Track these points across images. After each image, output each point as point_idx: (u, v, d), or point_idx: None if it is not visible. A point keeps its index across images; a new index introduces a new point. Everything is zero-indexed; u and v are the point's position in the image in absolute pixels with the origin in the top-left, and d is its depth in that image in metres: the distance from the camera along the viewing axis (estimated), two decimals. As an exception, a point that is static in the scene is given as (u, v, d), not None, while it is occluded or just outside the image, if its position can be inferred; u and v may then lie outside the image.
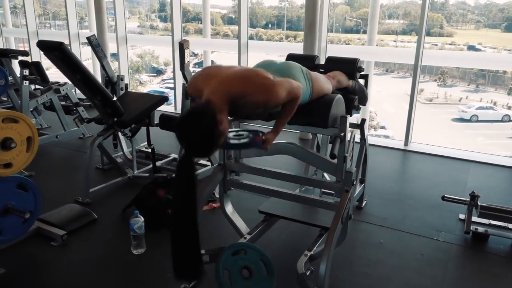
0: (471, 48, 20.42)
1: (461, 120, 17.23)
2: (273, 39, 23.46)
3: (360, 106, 2.61)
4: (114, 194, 3.42)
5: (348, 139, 2.13)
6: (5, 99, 5.52)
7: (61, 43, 2.83)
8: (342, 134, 2.09)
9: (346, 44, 20.29)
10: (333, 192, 2.79)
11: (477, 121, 16.88)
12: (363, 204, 3.24)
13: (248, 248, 2.19)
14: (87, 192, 3.26)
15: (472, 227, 2.82)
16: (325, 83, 2.17)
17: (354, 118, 3.45)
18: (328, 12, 4.69)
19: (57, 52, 2.81)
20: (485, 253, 2.71)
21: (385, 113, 17.92)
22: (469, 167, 4.07)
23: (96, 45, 3.68)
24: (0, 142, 2.35)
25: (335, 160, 2.16)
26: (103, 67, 3.73)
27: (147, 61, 24.42)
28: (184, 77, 3.35)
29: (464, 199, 2.97)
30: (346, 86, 2.49)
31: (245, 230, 2.50)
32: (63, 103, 4.74)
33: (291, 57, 2.65)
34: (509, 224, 2.89)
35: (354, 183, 2.15)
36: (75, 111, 4.46)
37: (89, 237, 2.83)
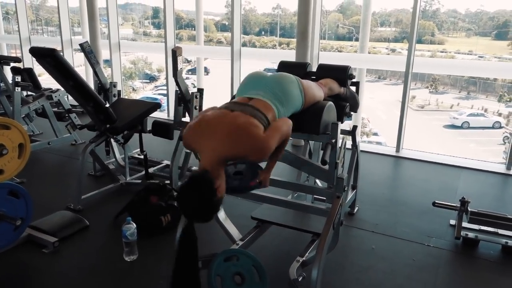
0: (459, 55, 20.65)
1: (453, 126, 17.37)
2: (266, 46, 23.55)
3: (352, 113, 2.63)
4: (106, 201, 3.41)
5: (340, 146, 2.15)
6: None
7: (53, 50, 2.83)
8: (333, 140, 2.11)
9: (338, 51, 20.43)
10: (324, 198, 2.84)
11: (469, 127, 17.03)
12: (355, 210, 3.26)
13: (240, 254, 2.20)
14: (79, 199, 3.25)
15: (463, 233, 2.85)
16: (317, 90, 2.20)
17: (347, 125, 3.49)
18: (321, 19, 4.74)
19: (50, 58, 2.82)
20: (475, 258, 2.74)
21: (377, 120, 18.02)
22: (460, 173, 4.11)
23: (89, 51, 3.69)
24: (-9, 148, 2.35)
25: (327, 167, 2.19)
26: (95, 73, 3.74)
27: (140, 67, 24.41)
28: (177, 84, 3.36)
29: (455, 205, 3.00)
30: (337, 93, 2.52)
31: (238, 236, 2.50)
32: (55, 109, 4.73)
33: (282, 65, 2.68)
34: (499, 229, 2.92)
35: (346, 189, 2.17)
36: (68, 118, 4.45)
37: (81, 244, 2.81)
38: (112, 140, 3.53)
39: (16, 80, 4.03)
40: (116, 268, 2.56)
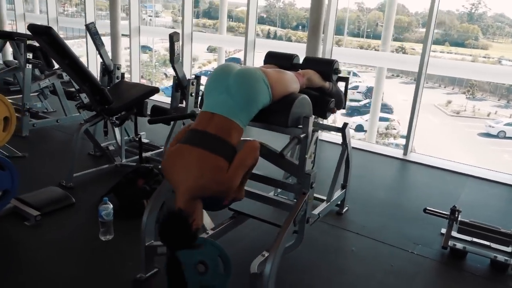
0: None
1: (488, 135, 16.68)
2: (302, 40, 23.35)
3: (336, 109, 2.55)
4: (98, 181, 3.46)
5: (310, 141, 2.08)
6: (11, 79, 5.71)
7: (49, 28, 2.88)
8: (303, 135, 2.04)
9: (375, 50, 19.94)
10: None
11: (505, 137, 16.30)
12: (344, 210, 3.17)
13: (207, 243, 2.17)
14: (71, 177, 3.32)
15: (450, 243, 2.71)
16: (290, 83, 2.12)
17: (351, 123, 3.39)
18: (336, 14, 4.62)
19: (45, 36, 2.87)
20: (459, 270, 2.60)
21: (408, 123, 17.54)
22: (466, 182, 3.92)
23: (94, 32, 3.74)
24: (-25, 120, 2.42)
25: (297, 162, 2.13)
26: (100, 55, 3.79)
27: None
28: (174, 70, 3.35)
29: (445, 213, 2.86)
30: (320, 86, 2.44)
31: (209, 226, 2.48)
32: (71, 89, 4.85)
33: (269, 55, 2.62)
34: (492, 243, 2.76)
35: (313, 186, 2.10)
36: (78, 97, 4.54)
37: (63, 221, 2.87)
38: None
39: (28, 57, 4.14)
40: (90, 246, 2.60)
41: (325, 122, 3.36)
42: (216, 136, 1.86)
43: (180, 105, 3.54)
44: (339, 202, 3.12)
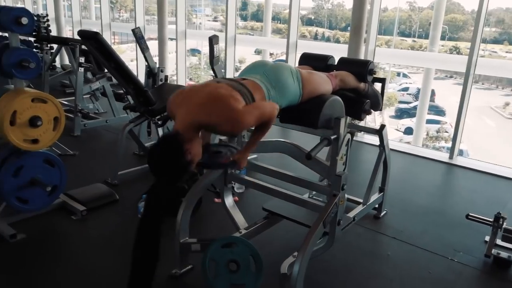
0: None
1: (549, 139, 15.62)
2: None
3: (372, 110, 2.51)
4: (141, 179, 3.60)
5: (341, 142, 2.07)
6: (67, 82, 6.05)
7: (96, 33, 3.05)
8: (333, 136, 2.04)
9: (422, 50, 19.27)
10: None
11: None
12: (382, 214, 3.11)
13: (240, 242, 2.22)
14: (116, 174, 3.48)
15: (494, 251, 2.59)
16: (322, 83, 2.12)
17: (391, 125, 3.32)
18: (379, 14, 4.53)
19: (93, 40, 3.04)
20: (503, 281, 2.48)
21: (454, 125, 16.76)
22: (516, 188, 3.73)
23: (140, 37, 3.91)
24: (28, 119, 2.60)
25: (327, 163, 2.12)
26: (145, 58, 3.94)
27: (222, 57, 25.09)
28: (213, 71, 3.43)
29: (490, 219, 2.73)
30: (355, 87, 2.41)
31: (243, 225, 2.52)
32: (120, 91, 5.08)
33: (304, 56, 2.62)
34: (540, 253, 2.61)
35: (344, 187, 2.08)
36: (126, 99, 4.75)
37: (107, 216, 3.02)
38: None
39: (80, 61, 4.38)
40: (129, 241, 2.70)
41: (370, 124, 3.31)
42: (244, 84, 1.82)
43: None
44: (376, 206, 3.06)
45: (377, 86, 2.68)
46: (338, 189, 2.05)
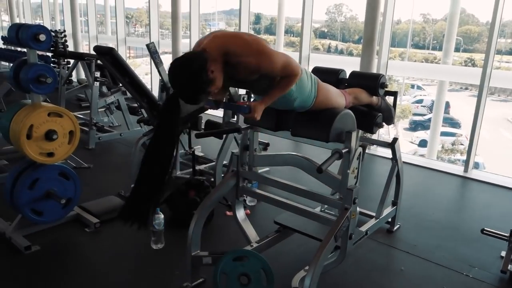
0: None
1: None
2: (363, 54, 22.91)
3: (385, 124, 2.50)
4: (154, 192, 3.62)
5: (353, 156, 2.06)
6: (83, 96, 6.17)
7: (112, 49, 3.12)
8: (345, 150, 2.03)
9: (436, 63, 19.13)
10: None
11: None
12: (395, 228, 3.07)
13: (250, 256, 2.22)
14: (129, 187, 3.50)
15: (511, 267, 2.54)
16: (336, 96, 2.13)
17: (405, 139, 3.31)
18: (391, 27, 4.54)
19: (108, 56, 3.10)
20: (520, 297, 2.43)
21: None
22: (533, 202, 3.65)
23: (154, 52, 3.95)
24: (44, 133, 2.65)
25: (339, 176, 2.12)
26: (159, 72, 3.99)
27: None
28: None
29: (506, 234, 2.68)
30: (368, 103, 2.41)
31: (254, 238, 2.51)
32: (134, 105, 5.16)
33: (316, 70, 2.64)
34: (559, 269, 2.55)
35: (356, 201, 2.07)
36: (140, 112, 4.81)
37: (119, 228, 3.01)
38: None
39: (96, 75, 4.47)
40: (142, 254, 2.73)
41: (384, 136, 3.30)
42: None
43: (232, 119, 3.64)
44: (389, 220, 3.03)
45: (390, 99, 2.68)
46: (350, 203, 2.05)
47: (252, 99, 2.04)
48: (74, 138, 2.81)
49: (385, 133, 12.05)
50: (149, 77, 7.89)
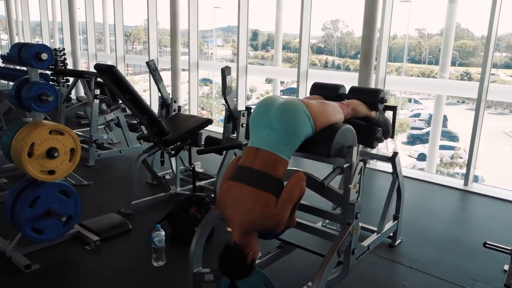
0: None
1: None
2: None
3: (383, 138, 2.52)
4: (154, 208, 3.62)
5: (354, 171, 2.07)
6: (82, 113, 6.19)
7: (112, 66, 3.14)
8: (346, 165, 2.04)
9: (433, 77, 19.28)
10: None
11: None
12: (397, 242, 3.06)
13: (253, 272, 2.20)
14: (129, 204, 3.51)
15: (514, 281, 2.53)
16: (333, 113, 2.14)
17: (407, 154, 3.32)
18: (388, 42, 4.59)
19: (109, 74, 3.12)
20: (524, 311, 2.40)
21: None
22: (534, 215, 3.65)
23: (154, 69, 4.01)
24: (45, 151, 2.66)
25: (341, 191, 2.12)
26: (159, 89, 4.03)
27: (233, 87, 25.42)
28: (226, 102, 3.49)
29: (508, 248, 2.67)
30: (366, 116, 2.43)
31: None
32: (133, 121, 5.18)
33: (315, 86, 2.66)
34: (562, 282, 2.53)
35: (358, 216, 2.07)
36: (139, 129, 4.82)
37: (120, 246, 3.03)
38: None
39: (96, 93, 4.49)
40: (143, 271, 2.71)
41: (383, 151, 3.31)
42: (262, 173, 1.91)
43: (232, 135, 3.65)
44: (391, 234, 3.03)
45: (389, 113, 2.70)
46: (352, 218, 2.05)
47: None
48: (75, 156, 2.81)
49: (383, 147, 12.07)
50: (148, 93, 7.93)
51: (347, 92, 2.59)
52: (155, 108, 4.52)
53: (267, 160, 1.94)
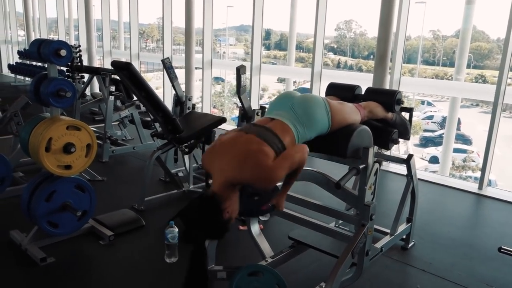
0: None
1: None
2: (373, 70, 22.93)
3: (399, 139, 2.50)
4: (167, 205, 3.65)
5: (370, 172, 2.06)
6: (96, 109, 6.25)
7: (129, 63, 3.17)
8: (362, 166, 2.04)
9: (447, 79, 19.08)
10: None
11: None
12: (410, 245, 3.04)
13: (265, 271, 2.21)
14: (142, 200, 3.54)
15: (529, 287, 2.50)
16: (351, 113, 2.14)
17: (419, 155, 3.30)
18: (404, 44, 4.56)
19: (126, 71, 3.15)
20: (539, 318, 2.38)
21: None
22: (550, 221, 3.60)
23: (169, 67, 4.02)
24: (62, 146, 2.69)
25: (356, 192, 2.12)
26: (173, 87, 4.05)
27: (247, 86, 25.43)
28: (240, 100, 3.50)
29: (524, 253, 2.64)
30: (383, 117, 2.42)
31: (269, 253, 2.50)
32: (147, 119, 5.21)
33: (331, 86, 2.65)
34: None
35: (373, 217, 2.07)
36: (153, 126, 4.86)
37: (133, 241, 3.05)
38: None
39: (111, 90, 4.53)
40: (155, 267, 2.73)
41: (395, 152, 3.30)
42: (269, 129, 1.84)
43: (245, 134, 3.65)
44: (404, 237, 3.01)
45: (404, 115, 2.68)
46: (367, 219, 2.04)
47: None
48: (91, 151, 2.84)
49: (395, 149, 11.99)
50: (160, 91, 7.98)
51: (363, 93, 2.58)
52: (168, 105, 4.54)
53: (279, 125, 1.88)
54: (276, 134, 1.82)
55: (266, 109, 2.11)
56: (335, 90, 2.61)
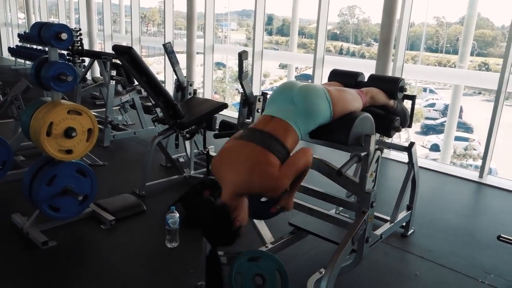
0: None
1: None
2: (376, 57, 22.77)
3: (401, 128, 2.49)
4: (168, 190, 3.66)
5: (371, 159, 2.06)
6: (97, 94, 6.23)
7: (130, 48, 3.14)
8: (363, 153, 2.03)
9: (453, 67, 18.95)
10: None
11: None
12: (409, 233, 3.06)
13: (266, 257, 2.22)
14: (143, 186, 3.54)
15: (528, 275, 2.52)
16: (352, 101, 2.12)
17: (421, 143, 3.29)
18: (408, 30, 4.51)
19: (127, 55, 3.13)
20: (537, 306, 2.40)
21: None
22: (550, 209, 3.61)
23: (170, 51, 4.00)
24: (64, 130, 2.69)
25: (357, 180, 2.12)
26: (175, 72, 4.03)
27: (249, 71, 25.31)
28: (242, 86, 3.48)
29: (523, 242, 2.65)
30: (384, 104, 2.40)
31: (269, 239, 2.52)
32: (148, 104, 5.20)
33: (334, 73, 2.63)
34: None
35: (373, 205, 2.07)
36: (154, 112, 4.85)
37: (134, 226, 3.07)
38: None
39: (112, 74, 4.51)
40: (156, 252, 2.75)
41: (396, 140, 3.29)
42: (271, 135, 1.84)
43: (247, 120, 3.65)
44: (404, 224, 3.02)
45: (407, 102, 2.67)
46: (368, 206, 2.05)
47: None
48: (92, 136, 2.84)
49: (396, 136, 11.97)
50: (161, 76, 7.95)
51: (366, 80, 2.56)
52: (169, 90, 4.53)
53: (279, 126, 1.88)
54: (278, 139, 1.83)
55: (266, 103, 2.09)
56: (337, 76, 2.60)
